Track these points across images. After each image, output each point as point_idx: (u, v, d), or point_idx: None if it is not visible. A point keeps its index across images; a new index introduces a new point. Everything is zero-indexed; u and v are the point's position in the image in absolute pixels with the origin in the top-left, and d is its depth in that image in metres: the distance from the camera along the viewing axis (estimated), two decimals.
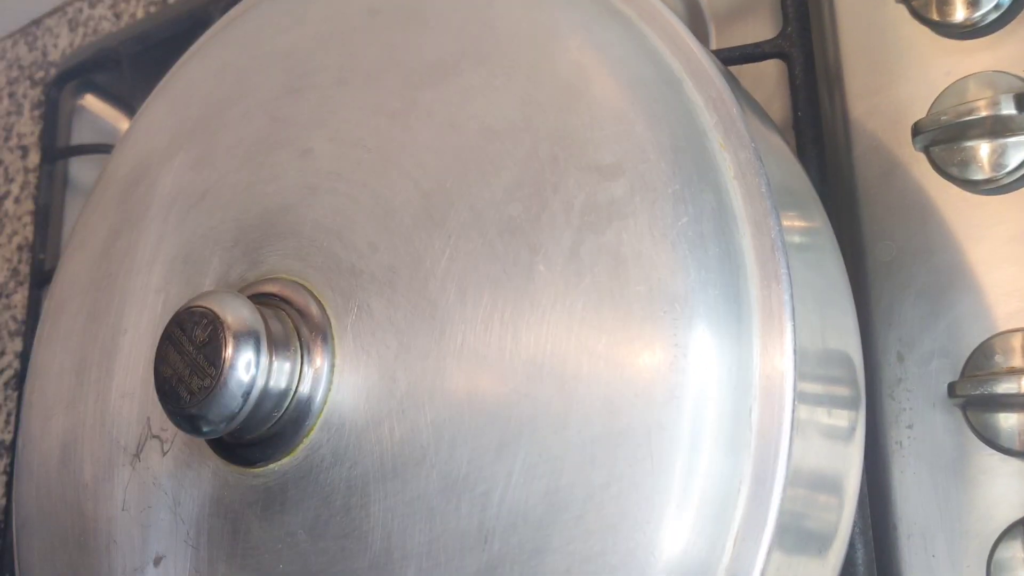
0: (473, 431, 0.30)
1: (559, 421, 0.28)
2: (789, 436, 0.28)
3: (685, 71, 0.32)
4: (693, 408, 0.28)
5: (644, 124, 0.30)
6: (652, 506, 0.27)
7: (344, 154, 0.35)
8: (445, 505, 0.29)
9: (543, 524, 0.28)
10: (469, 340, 0.30)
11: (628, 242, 0.29)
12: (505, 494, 0.29)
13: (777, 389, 0.28)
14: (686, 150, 0.30)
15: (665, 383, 0.28)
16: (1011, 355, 0.39)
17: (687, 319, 0.28)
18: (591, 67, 0.32)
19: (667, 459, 0.28)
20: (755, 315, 0.29)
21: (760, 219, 0.29)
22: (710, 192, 0.30)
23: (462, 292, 0.31)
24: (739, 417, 0.28)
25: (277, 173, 0.36)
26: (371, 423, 0.31)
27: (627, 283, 0.29)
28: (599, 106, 0.31)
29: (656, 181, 0.29)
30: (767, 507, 0.28)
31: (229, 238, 0.36)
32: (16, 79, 0.83)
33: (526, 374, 0.29)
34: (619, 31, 0.33)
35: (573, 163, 0.30)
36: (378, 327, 0.32)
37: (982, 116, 0.39)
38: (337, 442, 0.32)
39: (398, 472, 0.31)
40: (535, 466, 0.28)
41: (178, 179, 0.39)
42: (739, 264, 0.29)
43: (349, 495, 0.31)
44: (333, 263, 0.33)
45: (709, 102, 0.31)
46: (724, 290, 0.29)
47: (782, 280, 0.29)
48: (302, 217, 0.35)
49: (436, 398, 0.30)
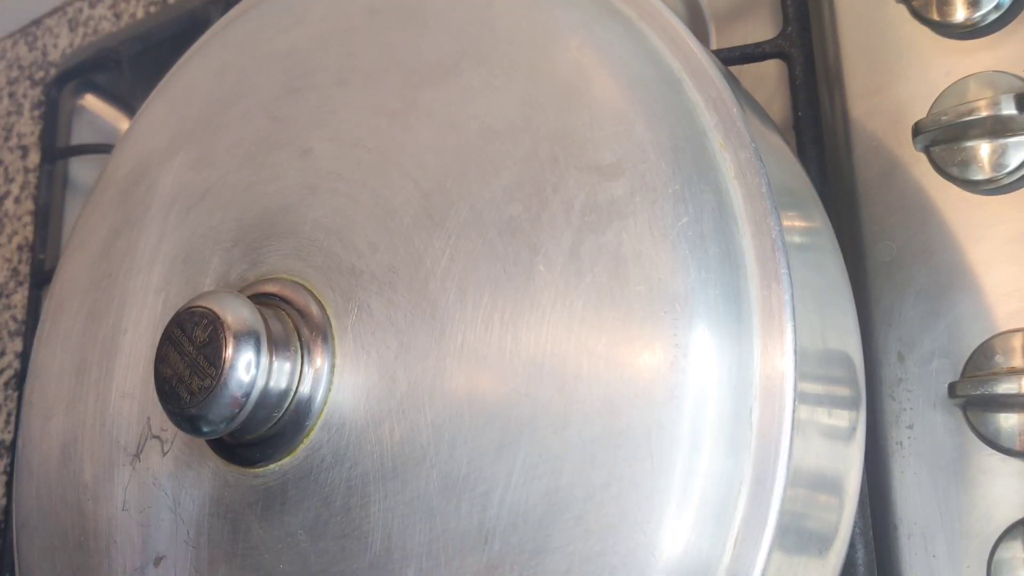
0: (473, 431, 0.30)
1: (559, 421, 0.28)
2: (789, 436, 0.28)
3: (685, 71, 0.32)
4: (693, 408, 0.28)
5: (644, 124, 0.30)
6: (652, 506, 0.27)
7: (344, 154, 0.35)
8: (445, 505, 0.29)
9: (543, 524, 0.28)
10: (469, 340, 0.30)
11: (628, 242, 0.29)
12: (505, 494, 0.29)
13: (777, 389, 0.28)
14: (686, 150, 0.30)
15: (665, 383, 0.28)
16: (1011, 355, 0.39)
17: (687, 319, 0.28)
18: (591, 67, 0.32)
19: (667, 459, 0.27)
20: (755, 315, 0.29)
21: (760, 219, 0.29)
22: (710, 192, 0.29)
23: (462, 292, 0.31)
24: (739, 417, 0.28)
25: (277, 173, 0.36)
26: (371, 423, 0.31)
27: (627, 283, 0.29)
28: (599, 106, 0.31)
29: (656, 181, 0.29)
30: (767, 507, 0.28)
31: (229, 238, 0.36)
32: (16, 79, 0.83)
33: (526, 374, 0.29)
34: (619, 31, 0.33)
35: (573, 163, 0.30)
36: (378, 327, 0.32)
37: (982, 116, 0.39)
38: (337, 442, 0.32)
39: (398, 472, 0.31)
40: (535, 466, 0.28)
41: (178, 179, 0.39)
42: (739, 264, 0.29)
43: (349, 495, 0.31)
44: (333, 263, 0.33)
45: (709, 102, 0.31)
46: (724, 290, 0.29)
47: (782, 280, 0.29)
48: (302, 217, 0.35)
49: (436, 398, 0.30)
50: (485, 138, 0.32)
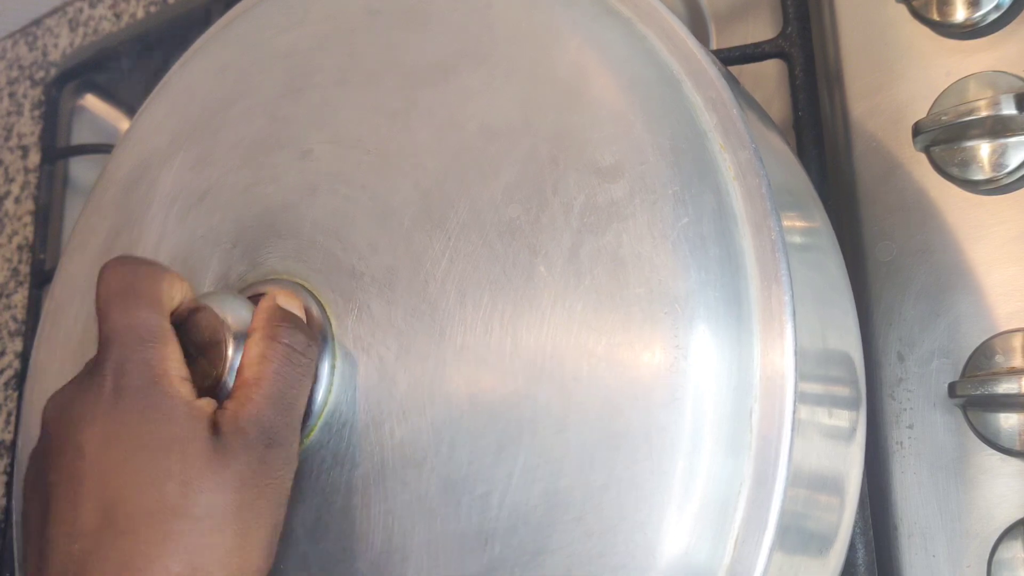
0: (473, 433, 0.30)
1: (559, 423, 0.28)
2: (790, 437, 0.28)
3: (684, 71, 0.32)
4: (693, 409, 0.28)
5: (643, 125, 0.30)
6: (652, 507, 0.27)
7: (344, 155, 0.35)
8: (445, 507, 0.29)
9: (543, 526, 0.28)
10: (469, 341, 0.30)
11: (628, 244, 0.29)
12: (505, 496, 0.29)
13: (778, 389, 0.28)
14: (686, 151, 0.30)
15: (665, 385, 0.28)
16: (1011, 355, 0.39)
17: (687, 321, 0.28)
18: (590, 67, 0.32)
19: (667, 460, 0.28)
20: (755, 316, 0.29)
21: (760, 220, 0.29)
22: (710, 193, 0.29)
23: (462, 293, 0.31)
24: (739, 418, 0.28)
25: (277, 173, 0.36)
26: (371, 424, 0.31)
27: (627, 285, 0.29)
28: (598, 107, 0.31)
29: (655, 183, 0.29)
30: (768, 508, 0.28)
31: (229, 238, 0.36)
32: (16, 79, 0.83)
33: (526, 376, 0.29)
34: (618, 31, 0.33)
35: (572, 164, 0.30)
36: (378, 328, 0.32)
37: (982, 116, 0.39)
38: (338, 443, 0.32)
39: (398, 473, 0.31)
40: (535, 468, 0.28)
41: (178, 179, 0.39)
42: (739, 265, 0.29)
43: (350, 496, 0.31)
44: (333, 264, 0.33)
45: (709, 103, 0.31)
46: (724, 291, 0.29)
47: (782, 281, 0.29)
48: (302, 217, 0.35)
49: (436, 399, 0.30)
50: (485, 138, 0.32)
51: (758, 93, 0.47)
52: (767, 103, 0.47)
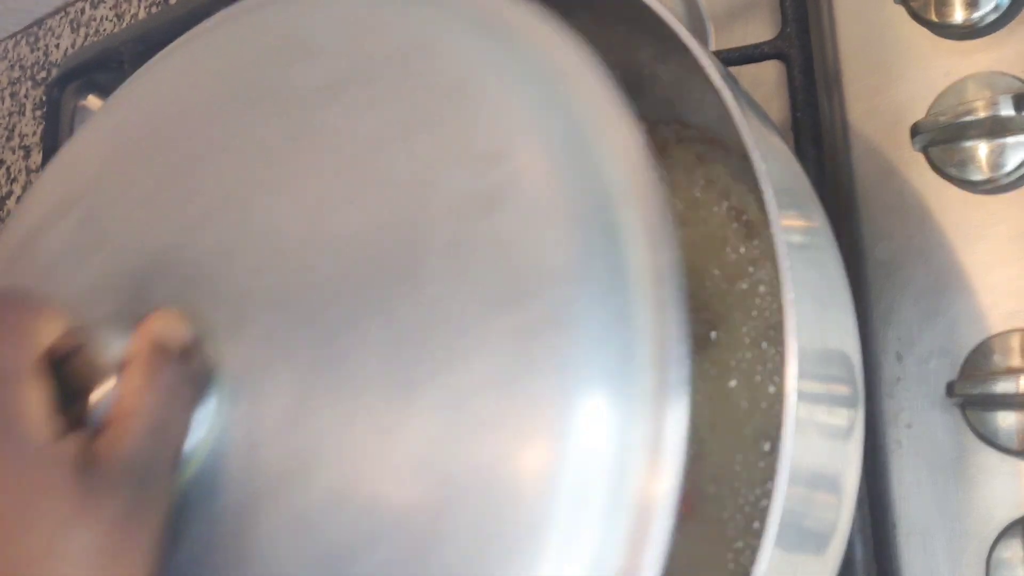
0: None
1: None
2: (791, 435, 0.28)
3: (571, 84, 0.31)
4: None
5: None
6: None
7: (232, 188, 0.34)
8: (326, 528, 0.28)
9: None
10: (359, 371, 0.29)
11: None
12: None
13: (778, 389, 0.28)
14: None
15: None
16: (1009, 355, 0.39)
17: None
18: (472, 79, 0.31)
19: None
20: None
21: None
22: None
23: (353, 320, 0.29)
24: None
25: (164, 215, 0.35)
26: (251, 455, 0.30)
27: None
28: (484, 112, 0.30)
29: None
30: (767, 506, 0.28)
31: (119, 285, 0.35)
32: (18, 79, 0.83)
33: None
34: (499, 38, 0.32)
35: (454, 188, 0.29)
36: (267, 356, 0.31)
37: (981, 117, 0.40)
38: (216, 477, 0.30)
39: (277, 502, 0.29)
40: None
41: (65, 237, 0.38)
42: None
43: (229, 528, 0.30)
44: (220, 292, 0.32)
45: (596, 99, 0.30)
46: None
47: (784, 280, 0.29)
48: (189, 253, 0.34)
49: (319, 429, 0.29)
50: (373, 152, 0.32)
51: (758, 93, 0.47)
52: (766, 103, 0.47)
